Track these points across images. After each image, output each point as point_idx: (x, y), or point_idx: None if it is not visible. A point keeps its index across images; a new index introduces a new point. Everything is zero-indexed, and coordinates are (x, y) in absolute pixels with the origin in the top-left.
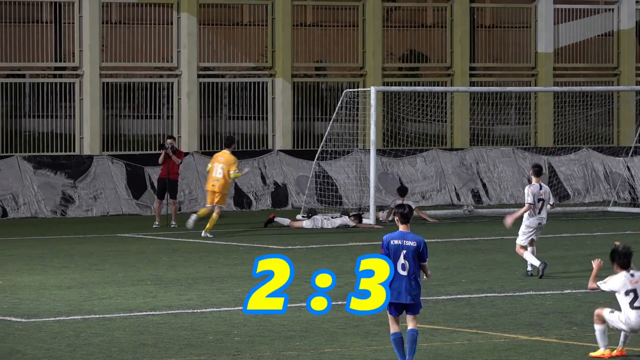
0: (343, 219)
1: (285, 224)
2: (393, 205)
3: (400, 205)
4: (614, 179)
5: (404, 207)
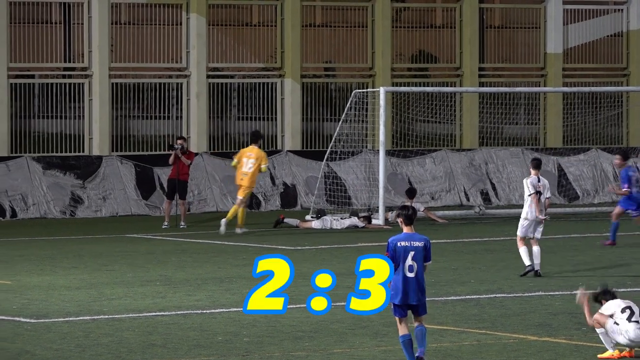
0: (352, 220)
1: (295, 224)
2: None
3: (404, 206)
4: None
5: (407, 209)
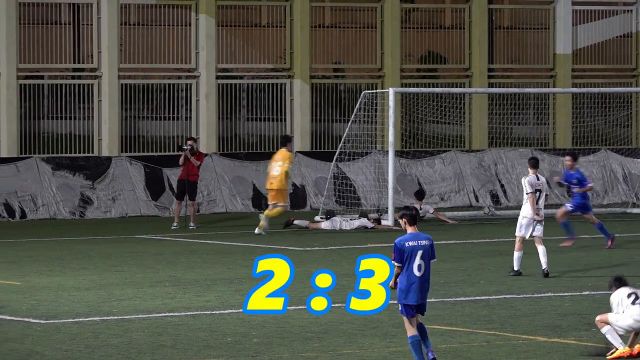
0: (361, 221)
1: (304, 225)
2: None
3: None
4: (633, 180)
5: (410, 209)
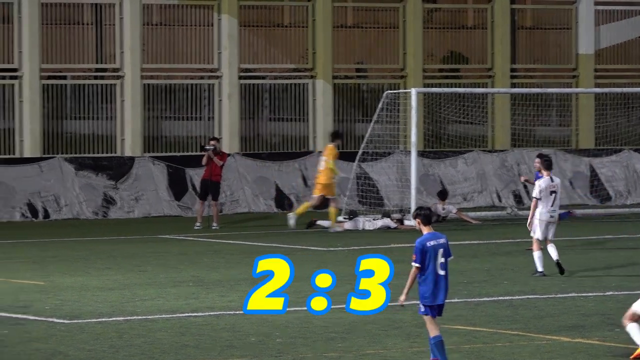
0: (384, 221)
1: (327, 225)
2: (434, 208)
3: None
4: None
5: (424, 209)
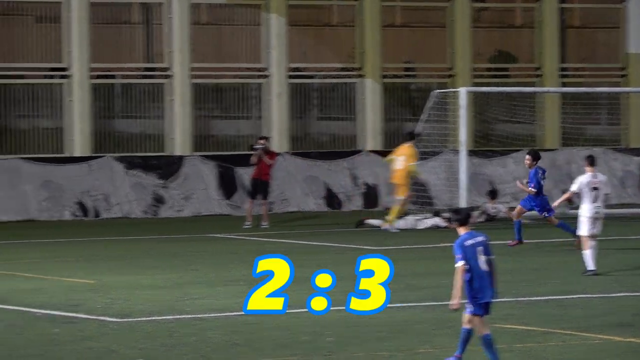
0: (434, 220)
1: (377, 224)
2: (483, 207)
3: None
4: None
5: (458, 212)
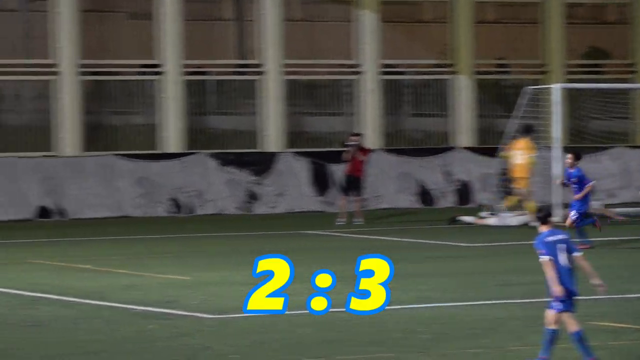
0: (528, 217)
1: (471, 221)
2: None
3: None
4: None
5: (541, 211)
